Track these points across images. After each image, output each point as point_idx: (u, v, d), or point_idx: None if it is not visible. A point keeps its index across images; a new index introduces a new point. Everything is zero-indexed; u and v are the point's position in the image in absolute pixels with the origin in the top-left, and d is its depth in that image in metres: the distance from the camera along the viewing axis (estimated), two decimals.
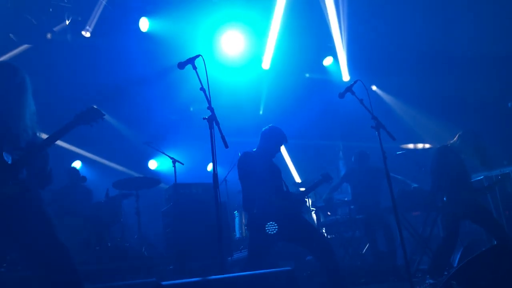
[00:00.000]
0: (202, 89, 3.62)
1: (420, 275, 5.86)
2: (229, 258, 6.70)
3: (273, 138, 4.90)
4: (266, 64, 9.21)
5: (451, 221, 5.19)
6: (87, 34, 7.65)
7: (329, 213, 7.18)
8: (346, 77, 9.65)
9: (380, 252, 6.53)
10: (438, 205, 5.47)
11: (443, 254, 5.22)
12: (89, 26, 7.52)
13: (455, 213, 5.17)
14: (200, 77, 3.65)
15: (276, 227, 4.45)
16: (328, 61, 9.75)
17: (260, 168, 4.72)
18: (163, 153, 7.35)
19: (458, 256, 5.52)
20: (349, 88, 4.23)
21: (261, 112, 10.18)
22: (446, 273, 5.30)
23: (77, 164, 8.65)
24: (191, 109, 8.93)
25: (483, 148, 5.26)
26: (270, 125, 5.01)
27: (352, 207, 6.87)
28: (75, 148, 8.45)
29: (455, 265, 5.36)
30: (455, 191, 5.19)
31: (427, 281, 5.18)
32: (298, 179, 10.07)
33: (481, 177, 6.58)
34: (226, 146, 3.58)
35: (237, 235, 8.22)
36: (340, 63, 9.53)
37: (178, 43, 7.85)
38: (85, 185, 7.06)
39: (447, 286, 3.63)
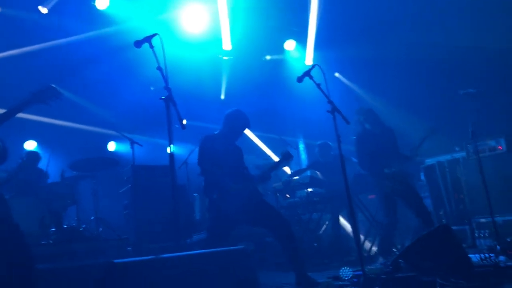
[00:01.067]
0: (159, 68, 3.58)
1: (372, 255, 6.10)
2: (188, 240, 6.72)
3: (236, 122, 4.89)
4: (226, 45, 8.93)
5: (383, 198, 5.46)
6: (44, 10, 7.37)
7: (287, 195, 7.30)
8: (309, 61, 9.58)
9: (339, 233, 6.73)
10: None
11: (388, 233, 5.45)
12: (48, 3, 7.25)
13: (384, 190, 5.46)
14: (158, 57, 3.62)
15: (235, 212, 4.50)
16: (289, 45, 9.68)
17: (220, 152, 4.72)
18: (122, 134, 7.24)
19: None
20: (307, 72, 4.27)
21: (222, 97, 10.06)
22: (395, 251, 5.57)
23: (32, 144, 8.38)
24: (152, 88, 8.73)
25: None
26: (234, 108, 4.99)
27: (310, 189, 6.99)
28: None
29: None
30: (377, 170, 5.51)
31: (378, 261, 5.41)
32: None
33: (434, 162, 6.83)
34: (183, 128, 3.57)
35: (197, 217, 8.24)
36: (307, 47, 9.41)
37: (136, 21, 7.67)
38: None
39: (394, 265, 3.80)
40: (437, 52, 7.69)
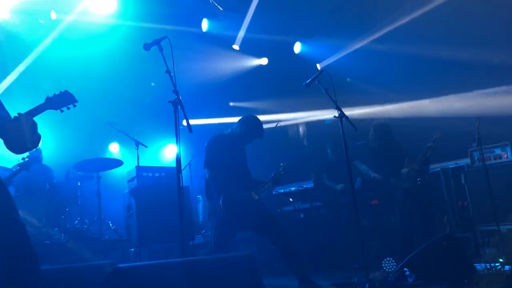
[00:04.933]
0: (167, 71, 3.58)
1: (376, 262, 6.08)
2: (191, 242, 6.71)
3: (251, 128, 4.86)
4: None
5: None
6: None
7: (291, 199, 7.29)
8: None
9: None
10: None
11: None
12: None
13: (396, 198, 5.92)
14: (167, 60, 3.62)
15: (238, 219, 4.54)
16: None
17: (227, 153, 4.72)
18: (126, 134, 7.24)
19: None
20: (315, 77, 4.28)
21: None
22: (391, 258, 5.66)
23: None
24: (152, 84, 8.59)
25: None
26: (253, 114, 5.03)
27: (315, 194, 6.99)
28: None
29: None
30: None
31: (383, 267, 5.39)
32: None
33: (438, 168, 6.80)
34: (190, 131, 3.58)
35: (200, 219, 8.23)
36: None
37: None
38: (45, 164, 6.87)
39: (399, 273, 3.79)
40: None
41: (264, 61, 9.42)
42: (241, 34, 8.43)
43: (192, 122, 3.75)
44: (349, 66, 8.98)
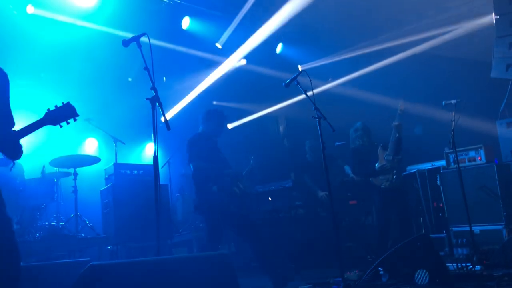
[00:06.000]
0: (146, 68, 3.55)
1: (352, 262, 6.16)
2: (169, 241, 6.69)
3: (216, 119, 5.08)
4: None
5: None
6: None
7: (269, 198, 7.32)
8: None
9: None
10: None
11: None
12: None
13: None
14: (145, 56, 3.59)
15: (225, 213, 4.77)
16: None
17: (209, 150, 4.94)
18: (104, 131, 7.17)
19: None
20: (294, 78, 4.30)
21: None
22: (369, 258, 5.74)
23: None
24: (129, 79, 8.49)
25: None
26: (210, 107, 5.28)
27: (294, 193, 7.04)
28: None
29: None
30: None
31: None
32: None
33: (414, 170, 6.91)
34: (168, 129, 3.56)
35: (179, 217, 8.20)
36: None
37: None
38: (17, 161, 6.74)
39: (374, 273, 3.84)
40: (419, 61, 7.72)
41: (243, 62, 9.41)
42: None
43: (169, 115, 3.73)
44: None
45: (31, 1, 6.67)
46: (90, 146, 8.46)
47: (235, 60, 8.95)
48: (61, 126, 2.91)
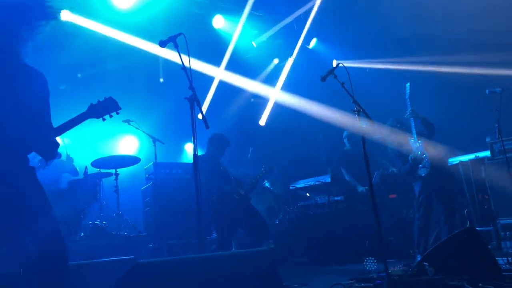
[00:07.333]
0: (183, 68, 3.58)
1: (395, 256, 6.03)
2: (208, 237, 6.75)
3: (220, 144, 5.84)
4: None
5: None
6: None
7: (308, 194, 7.28)
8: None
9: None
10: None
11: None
12: None
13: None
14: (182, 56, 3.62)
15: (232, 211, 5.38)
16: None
17: (212, 168, 5.63)
18: (143, 131, 7.29)
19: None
20: (331, 71, 4.23)
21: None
22: (411, 252, 5.58)
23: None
24: (161, 80, 8.55)
25: None
26: (215, 132, 5.84)
27: (331, 188, 6.95)
28: None
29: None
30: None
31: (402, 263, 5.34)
32: None
33: (457, 161, 6.70)
34: (207, 127, 3.58)
35: None
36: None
37: None
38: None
39: (419, 267, 3.74)
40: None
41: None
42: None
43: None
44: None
45: (67, 7, 6.87)
46: (130, 146, 8.62)
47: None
48: (104, 119, 2.97)
